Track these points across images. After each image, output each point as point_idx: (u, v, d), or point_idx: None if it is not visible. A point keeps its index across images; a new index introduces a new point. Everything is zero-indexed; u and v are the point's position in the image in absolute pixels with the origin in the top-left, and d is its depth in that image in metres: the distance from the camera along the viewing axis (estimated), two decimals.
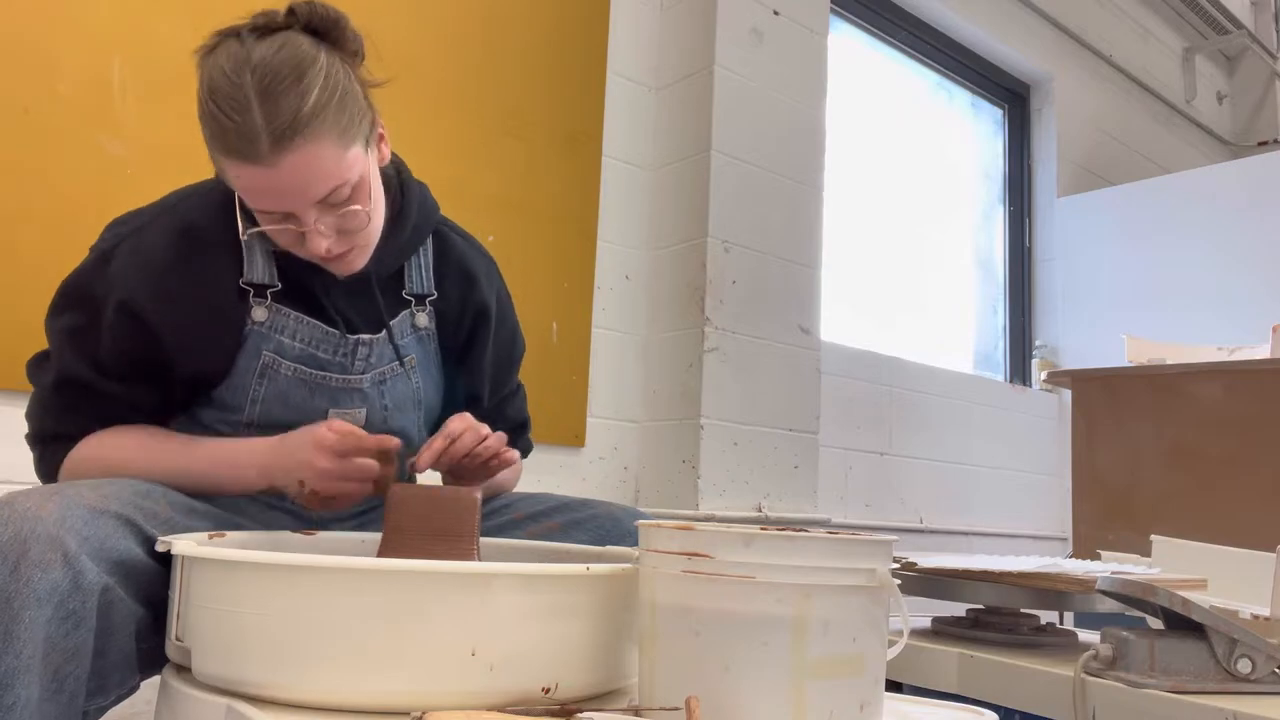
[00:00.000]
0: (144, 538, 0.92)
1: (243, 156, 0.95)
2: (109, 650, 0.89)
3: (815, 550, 0.73)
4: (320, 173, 0.98)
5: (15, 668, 0.80)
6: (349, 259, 1.07)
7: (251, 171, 0.96)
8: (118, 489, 0.96)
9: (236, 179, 0.99)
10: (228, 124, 0.94)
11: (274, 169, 0.96)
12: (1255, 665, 1.09)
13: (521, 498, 1.32)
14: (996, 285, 3.79)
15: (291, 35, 0.99)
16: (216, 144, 0.97)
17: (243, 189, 1.00)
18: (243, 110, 0.94)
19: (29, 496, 0.86)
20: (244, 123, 0.94)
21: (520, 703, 0.77)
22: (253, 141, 0.94)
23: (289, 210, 1.00)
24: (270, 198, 0.99)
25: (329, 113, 0.97)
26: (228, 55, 0.97)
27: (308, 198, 0.99)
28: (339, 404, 1.16)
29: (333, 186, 1.00)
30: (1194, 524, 1.97)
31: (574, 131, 2.32)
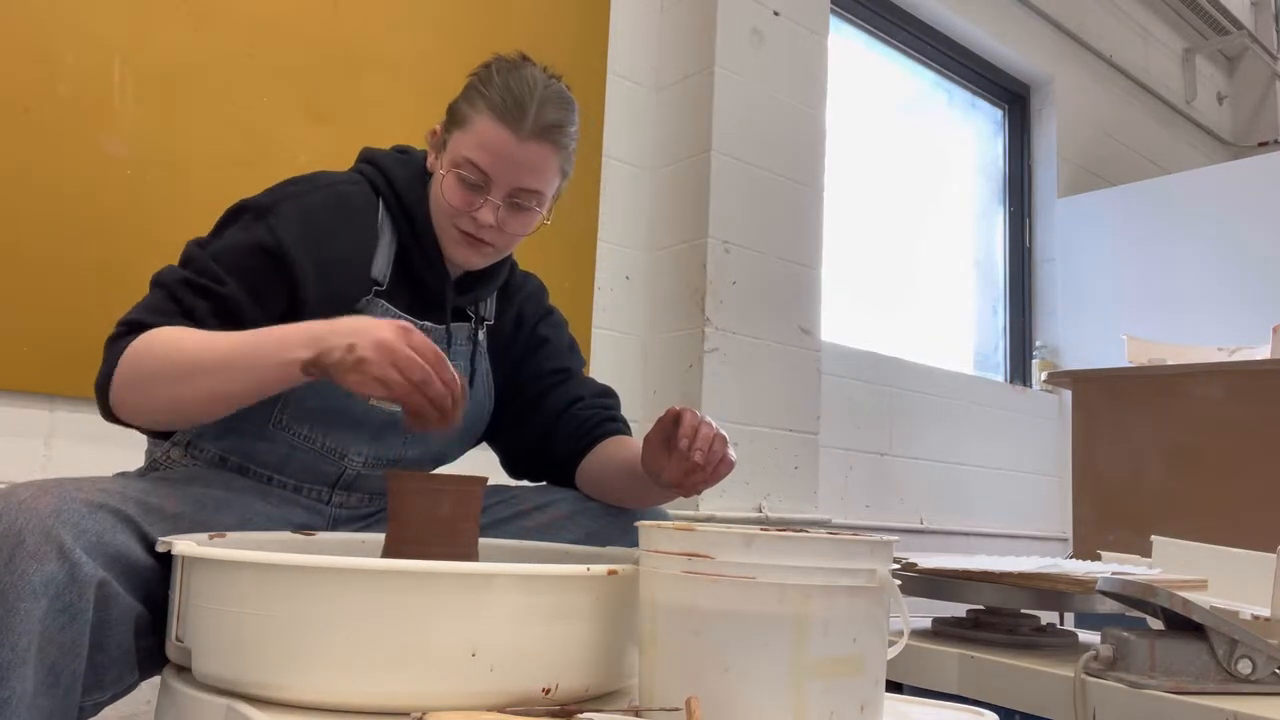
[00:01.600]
0: (142, 535, 0.92)
1: (505, 120, 1.14)
2: (106, 645, 0.89)
3: (816, 551, 0.73)
4: (540, 171, 1.18)
5: (10, 661, 0.80)
6: (482, 250, 1.21)
7: (503, 134, 1.15)
8: (119, 485, 0.95)
9: (482, 132, 1.15)
10: (514, 92, 1.15)
11: (519, 144, 1.15)
12: (1255, 666, 1.09)
13: (527, 489, 1.32)
14: (996, 286, 3.79)
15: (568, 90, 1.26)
16: (487, 101, 1.16)
17: (479, 142, 1.16)
18: (530, 95, 1.16)
19: (26, 488, 0.86)
20: (526, 103, 1.15)
21: (520, 703, 0.77)
22: (522, 116, 1.15)
23: (494, 177, 1.16)
24: (496, 159, 1.15)
25: (568, 149, 1.22)
26: (532, 69, 1.21)
27: (518, 179, 1.17)
28: None
29: (535, 188, 1.18)
30: (1194, 524, 1.97)
31: None
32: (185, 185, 1.72)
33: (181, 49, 1.74)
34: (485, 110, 1.16)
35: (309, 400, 1.14)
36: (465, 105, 1.19)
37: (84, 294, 1.60)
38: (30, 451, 1.56)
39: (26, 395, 1.55)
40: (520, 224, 1.21)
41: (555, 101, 1.19)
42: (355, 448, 1.19)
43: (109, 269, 1.63)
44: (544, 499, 1.29)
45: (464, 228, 1.18)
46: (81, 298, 1.60)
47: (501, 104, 1.15)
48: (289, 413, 1.15)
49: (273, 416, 1.14)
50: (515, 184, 1.17)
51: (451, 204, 1.17)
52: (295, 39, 1.89)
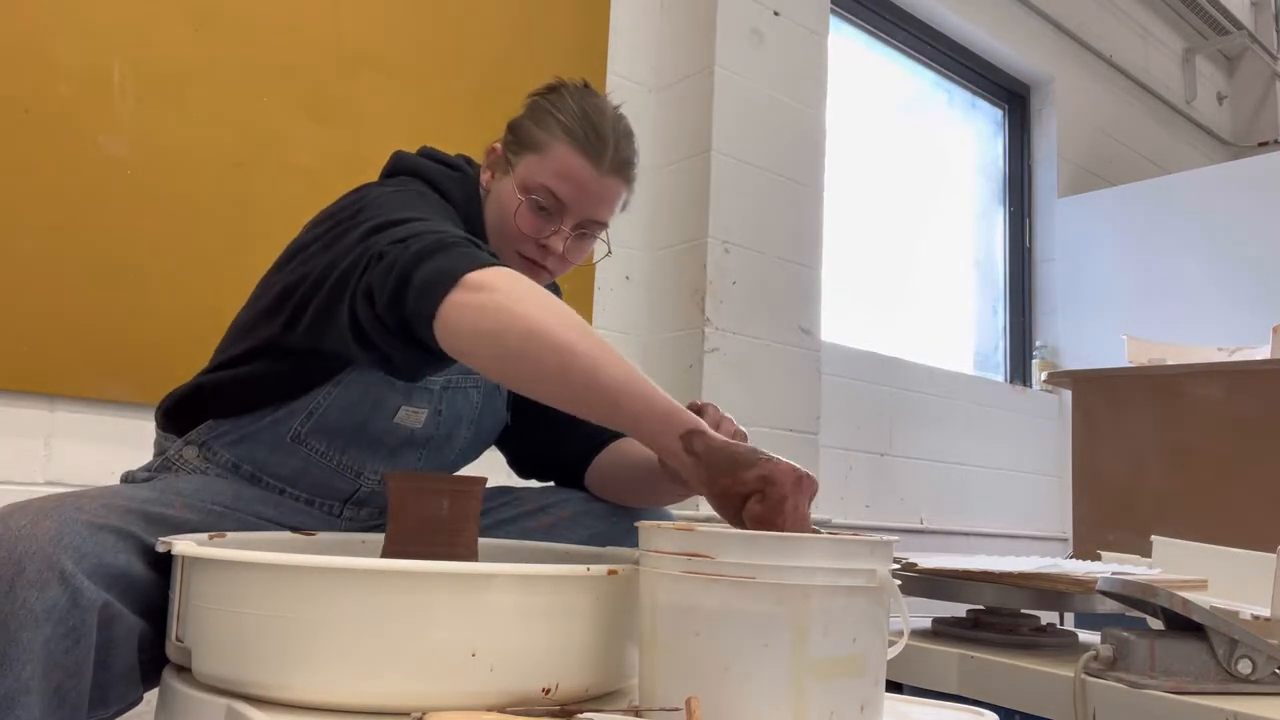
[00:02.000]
0: (145, 549, 0.91)
1: (589, 153, 1.16)
2: (111, 664, 0.89)
3: (816, 551, 0.73)
4: (611, 204, 1.21)
5: (15, 689, 0.80)
6: (540, 275, 1.21)
7: (584, 166, 1.16)
8: (124, 498, 0.95)
9: (562, 161, 1.16)
10: (595, 125, 1.17)
11: (600, 177, 1.17)
12: (1256, 666, 1.09)
13: (531, 490, 1.32)
14: (997, 286, 3.79)
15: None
16: (566, 131, 1.16)
17: (560, 171, 1.16)
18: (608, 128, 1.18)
19: (24, 514, 0.85)
20: (607, 138, 1.18)
21: (520, 703, 0.77)
22: (603, 150, 1.17)
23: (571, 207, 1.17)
24: (574, 191, 1.16)
25: (634, 179, 1.25)
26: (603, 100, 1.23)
27: (592, 211, 1.19)
28: (411, 401, 1.14)
29: (603, 219, 1.21)
30: (1194, 524, 1.97)
31: None
32: (185, 185, 1.72)
33: (181, 49, 1.74)
34: (565, 139, 1.16)
35: (332, 415, 1.12)
36: (539, 130, 1.18)
37: (84, 294, 1.60)
38: (30, 451, 1.56)
39: (26, 395, 1.55)
40: (581, 254, 1.23)
41: (628, 136, 1.22)
42: (372, 465, 1.18)
43: (109, 269, 1.63)
44: (548, 500, 1.29)
45: (528, 254, 1.19)
46: (81, 298, 1.60)
47: (584, 135, 1.16)
48: (309, 426, 1.13)
49: (292, 429, 1.13)
50: (589, 216, 1.19)
51: (523, 230, 1.17)
52: (295, 39, 1.89)
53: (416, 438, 1.18)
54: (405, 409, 1.15)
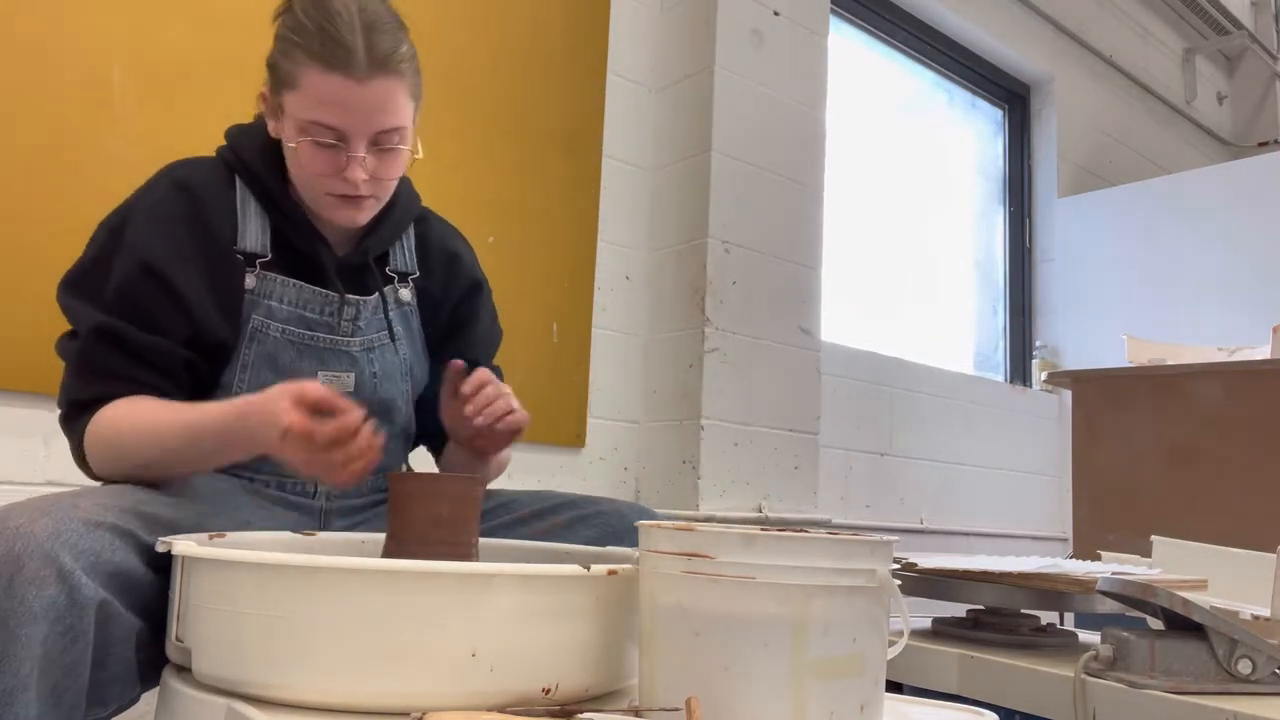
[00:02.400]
0: (142, 547, 0.91)
1: (337, 67, 1.05)
2: (108, 663, 0.89)
3: (816, 551, 0.73)
4: (394, 106, 1.09)
5: (13, 686, 0.80)
6: (362, 206, 1.14)
7: (339, 83, 1.05)
8: (116, 497, 0.95)
9: (317, 87, 1.06)
10: (333, 35, 1.05)
11: (362, 86, 1.06)
12: (1256, 666, 1.09)
13: (527, 495, 1.32)
14: (996, 286, 3.79)
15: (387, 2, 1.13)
16: (307, 52, 1.06)
17: (318, 98, 1.06)
18: (349, 30, 1.05)
19: (22, 511, 0.85)
20: (349, 40, 1.05)
21: (520, 703, 0.77)
22: (352, 55, 1.05)
23: (349, 130, 1.08)
24: (343, 112, 1.07)
25: (411, 66, 1.12)
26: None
27: (375, 123, 1.08)
28: (327, 366, 1.18)
29: (396, 124, 1.10)
30: (1194, 524, 1.97)
31: (574, 132, 2.32)
32: None
33: (181, 49, 1.74)
34: (310, 62, 1.06)
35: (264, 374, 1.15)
36: (286, 61, 1.08)
37: None
38: (30, 451, 1.56)
39: (26, 395, 1.55)
40: (392, 166, 1.13)
41: (381, 26, 1.09)
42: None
43: None
44: (542, 505, 1.29)
45: (336, 191, 1.12)
46: None
47: (324, 51, 1.05)
48: None
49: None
50: (374, 129, 1.09)
51: (314, 171, 1.10)
52: None
53: (359, 399, 1.16)
54: (324, 374, 1.17)
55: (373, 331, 1.22)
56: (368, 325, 1.21)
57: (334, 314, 1.18)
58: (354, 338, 1.20)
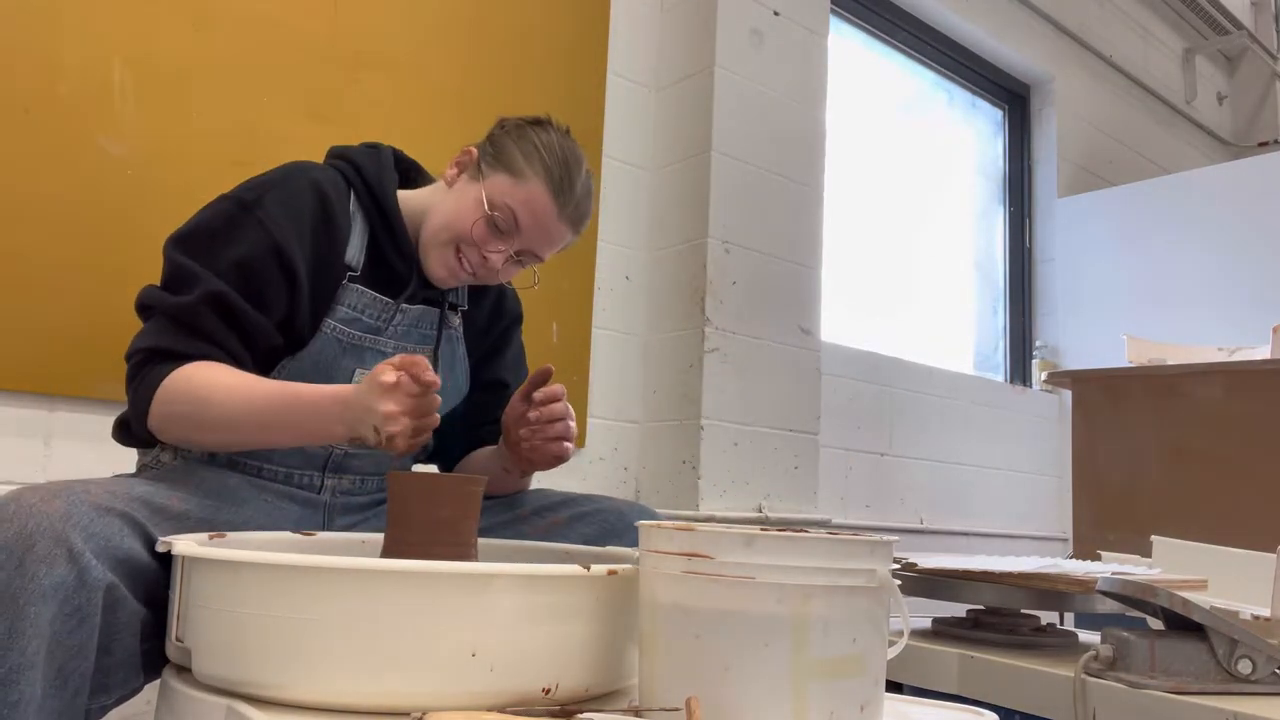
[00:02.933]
0: (147, 538, 0.92)
1: (557, 197, 1.24)
2: (113, 648, 0.89)
3: (816, 551, 0.73)
4: (556, 246, 1.29)
5: (20, 664, 0.80)
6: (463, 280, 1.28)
7: (550, 207, 1.24)
8: (126, 486, 0.96)
9: (536, 197, 1.23)
10: (571, 179, 1.25)
11: (556, 220, 1.25)
12: (1256, 666, 1.09)
13: (526, 494, 1.32)
14: (997, 286, 3.79)
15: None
16: (546, 173, 1.23)
17: (529, 202, 1.23)
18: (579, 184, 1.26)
19: (35, 492, 0.87)
20: (575, 187, 1.26)
21: (520, 703, 0.77)
22: (569, 200, 1.25)
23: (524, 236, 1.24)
24: (534, 224, 1.24)
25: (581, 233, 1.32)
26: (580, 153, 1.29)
27: (536, 247, 1.26)
28: (366, 364, 1.21)
29: (545, 255, 1.29)
30: (1194, 524, 1.97)
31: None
32: (186, 185, 1.72)
33: (181, 49, 1.74)
34: (542, 175, 1.23)
35: (303, 367, 1.17)
36: (522, 159, 1.24)
37: (84, 294, 1.60)
38: (30, 451, 1.56)
39: (26, 395, 1.55)
40: (510, 275, 1.31)
41: (589, 194, 1.29)
42: None
43: (109, 269, 1.62)
44: (541, 503, 1.30)
45: (468, 256, 1.24)
46: (81, 298, 1.60)
47: (559, 180, 1.23)
48: None
49: None
50: (535, 248, 1.26)
51: (475, 237, 1.22)
52: (295, 39, 1.89)
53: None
54: (360, 371, 1.21)
55: (413, 340, 1.27)
56: (408, 334, 1.27)
57: (386, 319, 1.24)
58: (394, 340, 1.25)
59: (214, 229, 1.14)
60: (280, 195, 1.16)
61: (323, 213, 1.19)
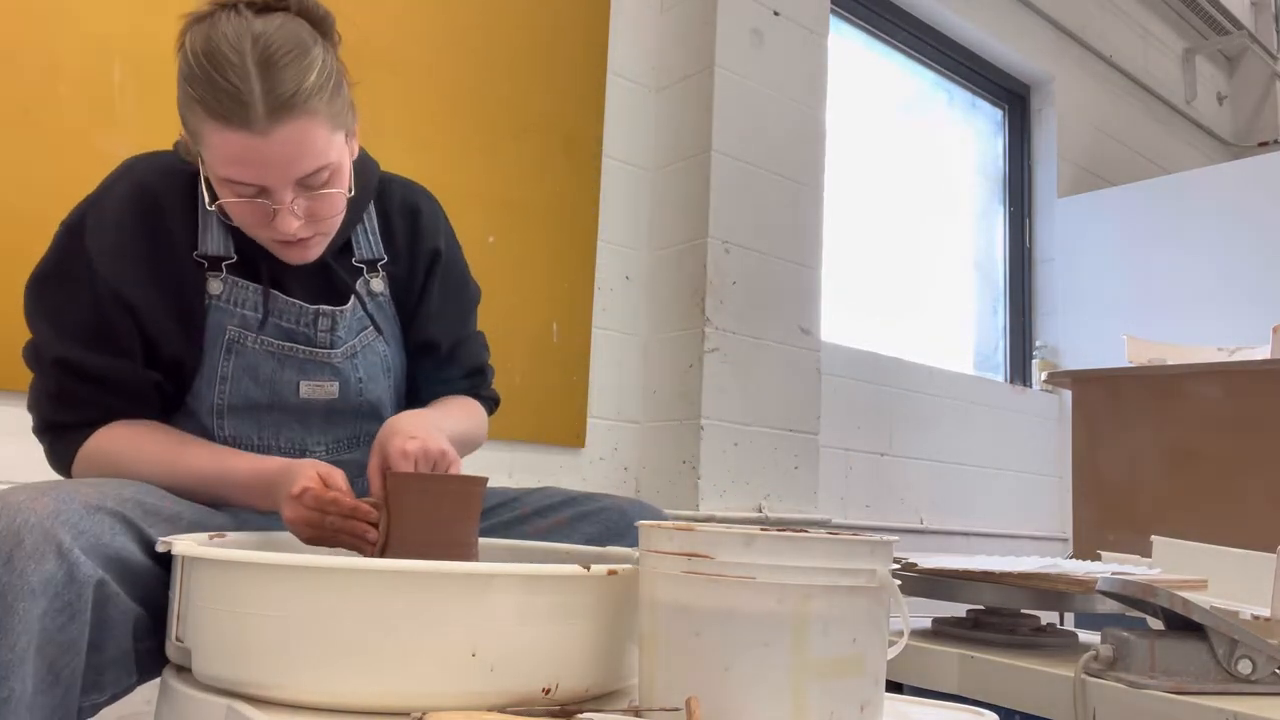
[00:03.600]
0: (141, 537, 0.92)
1: (234, 122, 0.94)
2: (105, 646, 0.89)
3: (816, 551, 0.73)
4: (310, 149, 0.98)
5: (9, 660, 0.80)
6: (309, 246, 1.07)
7: (240, 139, 0.95)
8: (116, 487, 0.95)
9: (220, 145, 0.97)
10: (224, 86, 0.94)
11: (265, 138, 0.95)
12: (1256, 666, 1.09)
13: (528, 493, 1.32)
14: (997, 286, 3.79)
15: (290, 17, 1.00)
16: (204, 106, 0.95)
17: (224, 156, 0.97)
18: (242, 76, 0.94)
19: (24, 491, 0.86)
20: (243, 89, 0.94)
21: (520, 703, 0.77)
22: (248, 107, 0.94)
23: (267, 184, 0.99)
24: (253, 168, 0.97)
25: (325, 94, 0.99)
26: (227, 23, 0.96)
27: (291, 173, 0.99)
28: (309, 376, 1.15)
29: (318, 166, 1.00)
30: (1194, 524, 1.97)
31: (574, 132, 2.32)
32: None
33: None
34: (206, 118, 0.96)
35: (237, 402, 1.14)
36: (187, 114, 0.99)
37: None
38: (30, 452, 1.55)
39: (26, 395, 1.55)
40: (326, 207, 1.04)
41: (279, 60, 0.95)
42: (313, 438, 1.20)
43: None
44: (543, 502, 1.29)
45: (275, 238, 1.04)
46: None
47: (220, 105, 0.94)
48: (227, 419, 1.15)
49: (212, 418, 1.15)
50: (293, 177, 0.99)
51: (246, 225, 1.04)
52: None
53: (344, 405, 1.19)
54: (305, 384, 1.15)
55: (353, 336, 1.18)
56: (347, 332, 1.17)
57: (310, 325, 1.14)
58: (334, 349, 1.16)
59: (47, 273, 1.08)
60: (99, 216, 1.06)
61: (149, 219, 1.07)
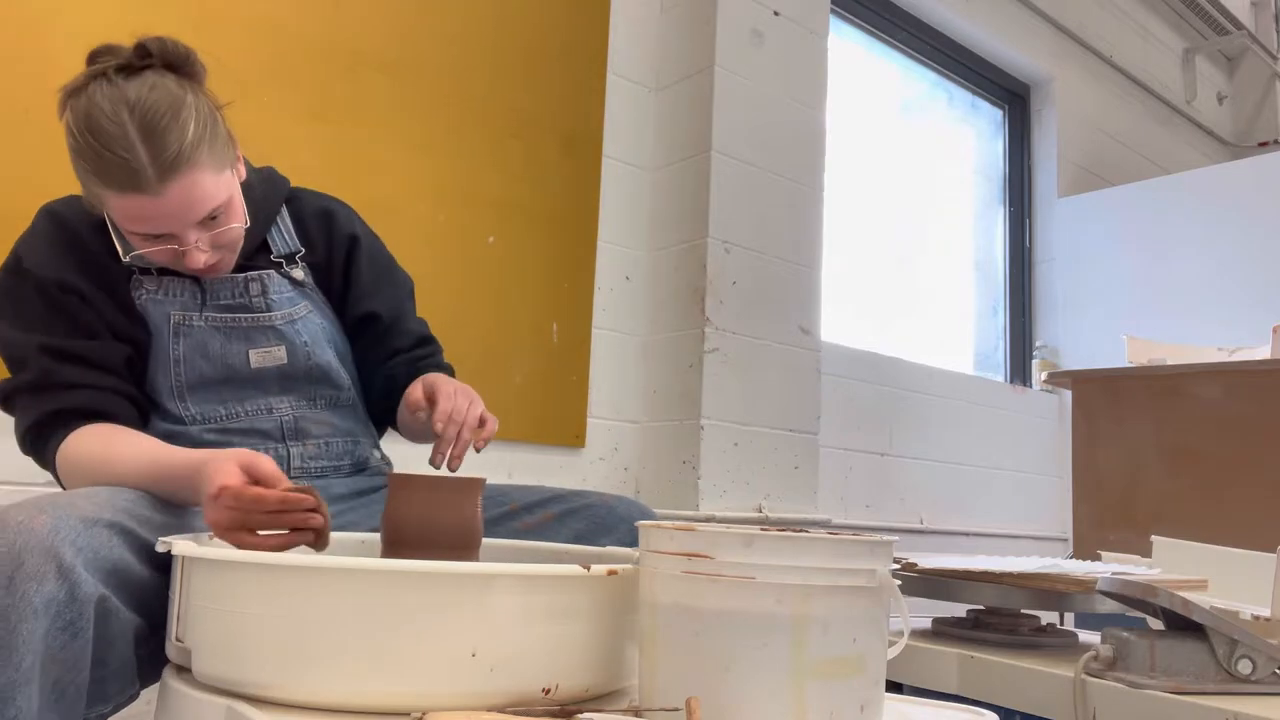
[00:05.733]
0: (138, 545, 0.92)
1: (129, 188, 1.04)
2: (108, 659, 0.89)
3: (815, 551, 0.73)
4: (201, 197, 1.09)
5: (14, 680, 0.80)
6: (221, 265, 1.18)
7: (137, 201, 1.05)
8: (109, 495, 0.95)
9: (120, 208, 1.07)
10: (113, 159, 1.03)
11: (160, 198, 1.05)
12: (1256, 666, 1.09)
13: (516, 489, 1.33)
14: (997, 286, 3.79)
15: (157, 75, 1.09)
16: (98, 178, 1.05)
17: (125, 217, 1.08)
18: (128, 147, 1.03)
19: (21, 509, 0.86)
20: (130, 158, 1.03)
21: (520, 703, 0.77)
22: (139, 174, 1.03)
23: (170, 231, 1.09)
24: (153, 223, 1.08)
25: (204, 145, 1.08)
26: (102, 95, 1.05)
27: (189, 220, 1.09)
28: (255, 344, 1.21)
29: (211, 209, 1.10)
30: (1194, 524, 1.97)
31: (574, 132, 2.32)
32: None
33: None
34: (102, 188, 1.06)
35: (199, 365, 1.18)
36: (84, 180, 1.08)
37: None
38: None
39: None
40: (228, 236, 1.15)
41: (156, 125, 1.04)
42: (274, 399, 1.23)
43: None
44: (532, 499, 1.30)
45: (185, 269, 1.15)
46: None
47: (110, 178, 1.04)
48: (188, 400, 1.18)
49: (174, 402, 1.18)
50: (190, 223, 1.09)
51: (161, 263, 1.15)
52: (295, 39, 1.89)
53: (294, 370, 1.23)
54: (254, 352, 1.21)
55: (287, 304, 1.25)
56: (280, 298, 1.24)
57: (244, 293, 1.21)
58: (272, 311, 1.22)
59: (3, 310, 1.15)
60: (26, 241, 1.17)
61: (64, 231, 1.16)
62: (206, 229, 1.12)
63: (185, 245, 1.10)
